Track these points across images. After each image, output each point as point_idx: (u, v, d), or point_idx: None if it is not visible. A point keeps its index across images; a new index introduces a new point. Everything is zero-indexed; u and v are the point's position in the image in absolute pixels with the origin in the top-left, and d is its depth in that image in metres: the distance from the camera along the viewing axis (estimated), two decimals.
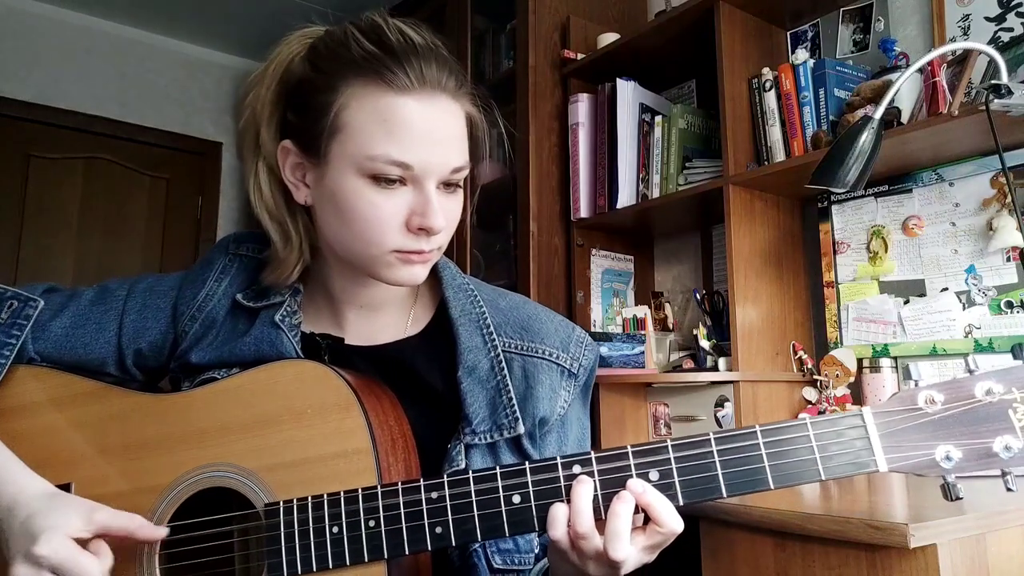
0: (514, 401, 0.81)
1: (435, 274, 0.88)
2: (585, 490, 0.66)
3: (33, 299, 0.86)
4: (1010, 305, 1.57)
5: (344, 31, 0.78)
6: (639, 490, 0.65)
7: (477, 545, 0.78)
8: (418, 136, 0.73)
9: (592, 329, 2.15)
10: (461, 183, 0.80)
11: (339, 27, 0.79)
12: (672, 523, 0.65)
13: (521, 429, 0.80)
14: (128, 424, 0.80)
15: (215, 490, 0.76)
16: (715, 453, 0.65)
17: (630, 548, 0.65)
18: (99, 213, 3.49)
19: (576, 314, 2.15)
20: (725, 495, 0.65)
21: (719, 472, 0.65)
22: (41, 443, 0.81)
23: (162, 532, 0.73)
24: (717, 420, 1.78)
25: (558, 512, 0.66)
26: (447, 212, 0.77)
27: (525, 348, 0.85)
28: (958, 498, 0.63)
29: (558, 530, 0.66)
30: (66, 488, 0.78)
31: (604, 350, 1.93)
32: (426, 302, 0.90)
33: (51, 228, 3.37)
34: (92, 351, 0.86)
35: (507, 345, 0.84)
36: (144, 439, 0.79)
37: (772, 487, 0.65)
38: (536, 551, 0.84)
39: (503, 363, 0.83)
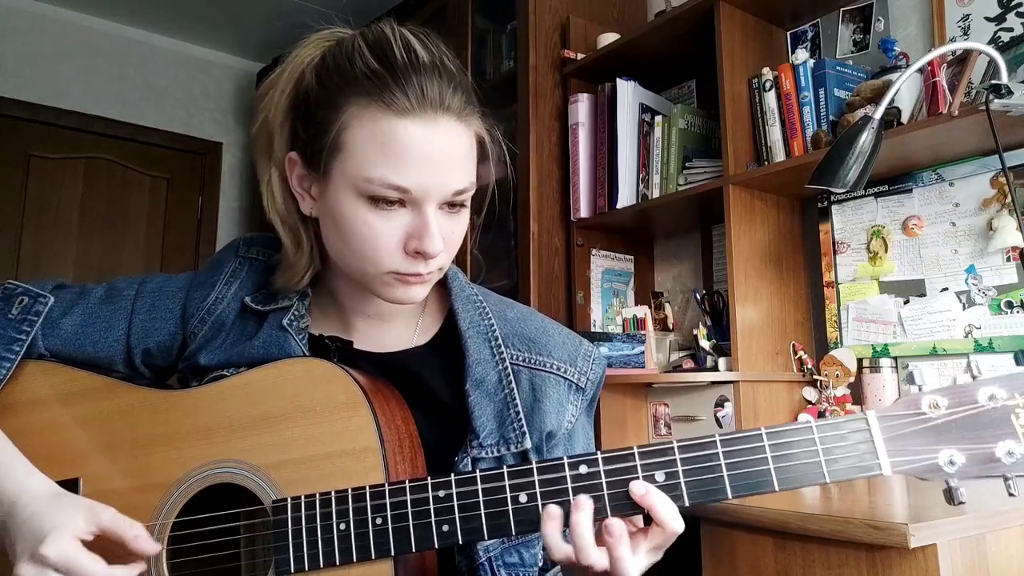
0: (521, 415, 0.81)
1: (443, 284, 0.88)
2: (584, 521, 0.66)
3: (43, 295, 0.87)
4: (1010, 305, 1.57)
5: (352, 43, 0.76)
6: (641, 492, 0.66)
7: (483, 559, 0.78)
8: (416, 159, 0.72)
9: (592, 329, 2.15)
10: (466, 203, 0.78)
11: (349, 37, 0.78)
12: (674, 523, 0.66)
13: (528, 444, 0.80)
14: (136, 420, 0.80)
15: (223, 486, 0.76)
16: (721, 455, 0.66)
17: (636, 565, 0.66)
18: (99, 213, 3.49)
19: (576, 314, 2.16)
20: (730, 496, 0.66)
21: (724, 474, 0.65)
22: (49, 438, 0.81)
23: (154, 549, 0.73)
24: (717, 420, 1.78)
25: (557, 545, 0.66)
26: (448, 233, 0.77)
27: (533, 361, 0.85)
28: (960, 503, 0.63)
29: (559, 554, 0.67)
30: (74, 483, 0.79)
31: (604, 350, 1.93)
32: (434, 312, 0.90)
33: (52, 228, 3.37)
34: (101, 349, 0.86)
35: (515, 358, 0.84)
36: (152, 435, 0.79)
37: (776, 489, 0.65)
38: (540, 564, 0.84)
39: (511, 376, 0.83)
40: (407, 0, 2.77)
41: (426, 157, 0.72)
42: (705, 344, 1.91)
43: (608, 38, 2.15)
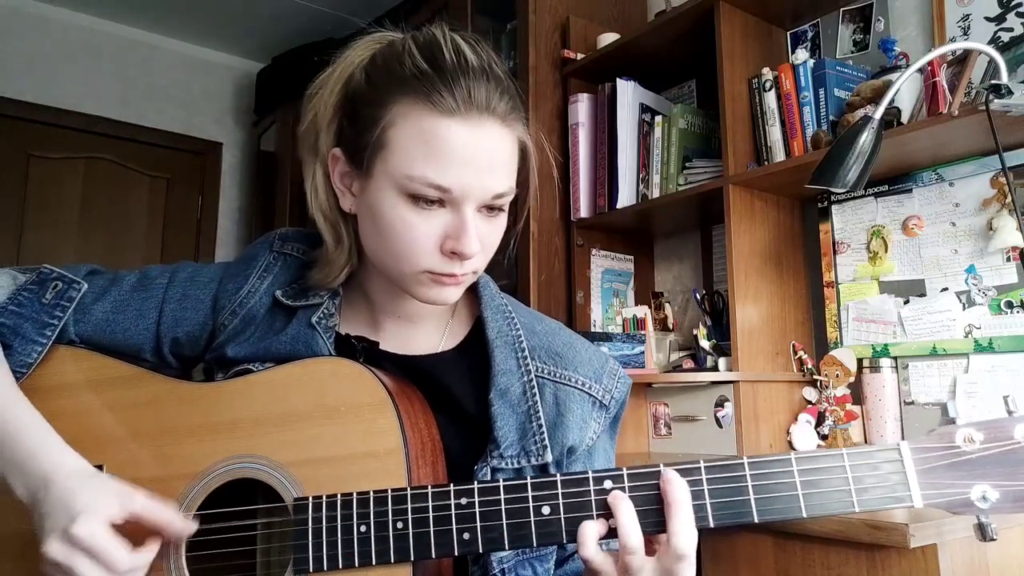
0: (544, 428, 0.81)
1: (474, 291, 0.88)
2: (626, 506, 0.66)
3: (77, 281, 0.87)
4: (1010, 305, 1.57)
5: (402, 44, 0.77)
6: (673, 477, 0.65)
7: (496, 570, 0.78)
8: (459, 160, 0.72)
9: (592, 329, 2.15)
10: (504, 207, 0.79)
11: (400, 39, 0.79)
12: (681, 539, 0.64)
13: (549, 457, 0.80)
14: (162, 410, 0.81)
15: (245, 481, 0.76)
16: (748, 478, 0.65)
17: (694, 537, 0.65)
18: (100, 213, 3.49)
19: (576, 314, 2.16)
20: (756, 520, 0.65)
21: (751, 497, 0.65)
22: (76, 423, 0.81)
23: (191, 529, 0.73)
24: (717, 420, 1.78)
25: (588, 530, 0.66)
26: (484, 236, 0.77)
27: (558, 375, 0.85)
28: (992, 539, 0.62)
29: (589, 548, 0.66)
30: (98, 469, 0.78)
31: (604, 350, 1.93)
32: (463, 318, 0.90)
33: (52, 228, 3.37)
34: (131, 336, 0.87)
35: (540, 371, 0.84)
36: (177, 426, 0.79)
37: (804, 516, 0.64)
38: None
39: (535, 388, 0.82)
40: (407, 0, 2.77)
41: (469, 158, 0.73)
42: (705, 344, 1.91)
43: (608, 38, 2.15)
